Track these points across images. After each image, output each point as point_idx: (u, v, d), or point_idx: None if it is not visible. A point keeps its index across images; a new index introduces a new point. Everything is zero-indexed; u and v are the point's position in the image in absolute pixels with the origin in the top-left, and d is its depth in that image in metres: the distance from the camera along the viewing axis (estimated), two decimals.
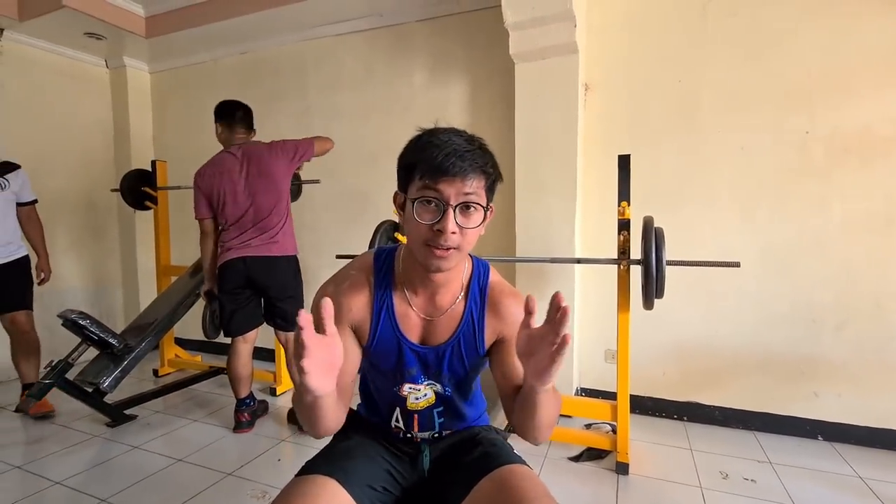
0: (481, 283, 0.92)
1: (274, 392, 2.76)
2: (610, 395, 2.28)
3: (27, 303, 2.51)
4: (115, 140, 3.74)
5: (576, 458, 1.98)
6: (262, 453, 2.06)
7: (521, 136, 2.38)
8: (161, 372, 3.17)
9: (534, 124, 2.35)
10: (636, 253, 1.82)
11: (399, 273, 0.90)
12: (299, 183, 2.74)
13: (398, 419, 0.96)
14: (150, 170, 3.11)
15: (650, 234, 1.70)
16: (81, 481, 1.85)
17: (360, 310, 0.88)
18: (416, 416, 0.95)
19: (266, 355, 3.14)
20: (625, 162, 1.88)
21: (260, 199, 2.19)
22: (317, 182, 2.73)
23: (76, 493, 1.76)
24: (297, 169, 2.32)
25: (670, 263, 1.74)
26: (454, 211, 0.77)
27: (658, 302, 1.78)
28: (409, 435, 0.96)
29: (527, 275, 2.43)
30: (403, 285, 0.90)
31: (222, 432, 2.28)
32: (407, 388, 0.92)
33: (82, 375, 2.29)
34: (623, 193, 1.87)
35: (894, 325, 2.03)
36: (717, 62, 2.25)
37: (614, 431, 1.98)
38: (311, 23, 3.05)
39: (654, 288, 1.71)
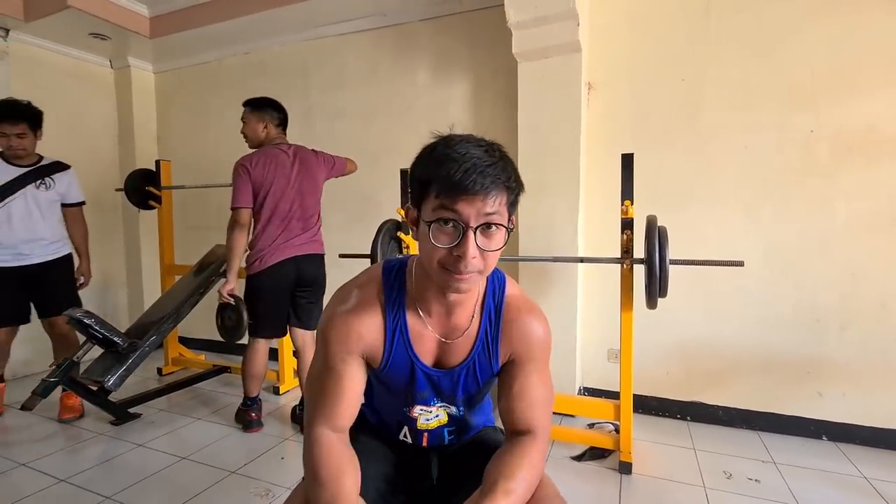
0: (497, 300, 0.86)
1: (277, 391, 2.76)
2: (613, 395, 2.28)
3: (70, 304, 2.38)
4: (120, 140, 3.76)
5: (579, 458, 1.98)
6: (265, 451, 2.07)
7: (524, 136, 2.38)
8: (165, 370, 3.18)
9: (537, 123, 2.35)
10: (639, 252, 1.81)
11: (411, 290, 0.83)
12: None
13: (406, 435, 0.94)
14: (155, 169, 3.12)
15: (653, 233, 1.69)
16: (86, 479, 1.86)
17: (372, 333, 0.82)
18: (426, 434, 0.93)
19: (269, 354, 3.14)
20: (628, 161, 1.87)
21: (307, 198, 2.26)
22: None
23: (81, 491, 1.77)
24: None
25: (674, 263, 1.73)
26: (474, 233, 0.69)
27: (661, 301, 1.77)
28: (417, 445, 0.96)
29: (530, 274, 2.42)
30: (417, 304, 0.83)
31: (226, 430, 2.29)
32: (418, 410, 0.90)
33: (87, 374, 2.30)
34: (626, 192, 1.86)
35: None
36: (720, 60, 2.24)
37: (617, 431, 1.98)
38: (314, 22, 3.05)
39: (657, 287, 1.70)
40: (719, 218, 2.27)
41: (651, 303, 1.77)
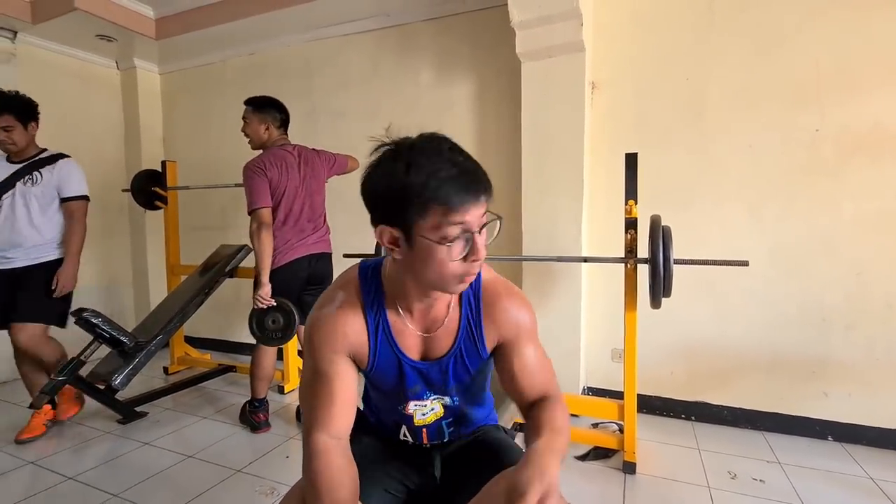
0: (474, 287, 0.86)
1: (282, 390, 2.78)
2: (617, 395, 2.27)
3: (33, 315, 2.17)
4: (126, 140, 3.79)
5: (582, 457, 1.98)
6: (270, 450, 2.08)
7: (528, 135, 2.38)
8: (171, 370, 3.20)
9: (540, 123, 2.35)
10: (643, 252, 1.81)
11: (390, 290, 0.85)
12: None
13: (405, 434, 0.95)
14: (160, 170, 3.14)
15: (657, 233, 1.69)
16: (94, 477, 1.88)
17: (356, 332, 0.83)
18: (425, 429, 0.93)
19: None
20: (632, 160, 1.87)
21: (315, 198, 2.31)
22: None
23: (88, 489, 1.79)
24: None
25: (678, 262, 1.73)
26: (478, 234, 0.70)
27: (666, 301, 1.77)
28: (417, 441, 0.96)
29: (533, 274, 2.42)
30: (396, 303, 0.85)
31: (231, 429, 2.30)
32: (412, 406, 0.90)
33: (94, 373, 2.32)
34: (630, 192, 1.86)
35: None
36: (724, 59, 2.23)
37: (621, 431, 1.98)
38: (317, 23, 3.06)
39: (661, 287, 1.70)
40: (724, 217, 2.26)
41: (655, 303, 1.77)
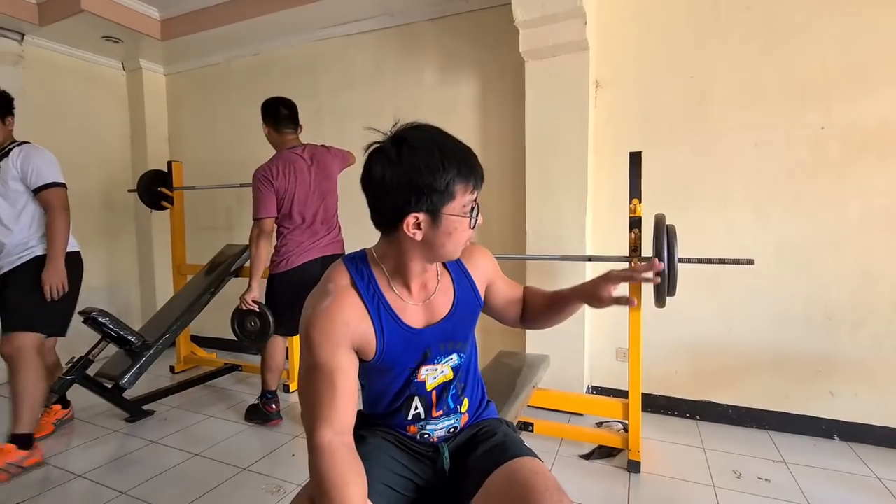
0: None
1: (287, 389, 2.79)
2: (622, 394, 2.27)
3: (19, 322, 1.92)
4: (132, 141, 3.82)
5: (587, 456, 1.98)
6: (276, 448, 2.10)
7: (532, 134, 2.38)
8: (177, 368, 3.23)
9: (544, 122, 2.35)
10: (648, 251, 1.81)
11: (380, 274, 0.90)
12: None
13: (417, 406, 0.95)
14: (166, 170, 3.16)
15: (662, 232, 1.69)
16: (102, 474, 1.90)
17: (358, 321, 0.84)
18: (435, 392, 0.95)
19: None
20: (636, 159, 1.87)
21: (328, 199, 2.30)
22: None
23: (97, 486, 1.81)
24: None
25: (682, 261, 1.72)
26: None
27: (670, 300, 1.77)
28: (426, 435, 0.96)
29: (537, 272, 2.43)
30: (390, 283, 0.90)
31: (238, 427, 2.32)
32: (424, 372, 0.93)
33: (102, 372, 2.34)
34: (634, 191, 1.86)
35: None
36: (729, 57, 2.22)
37: (626, 430, 1.98)
38: (321, 23, 3.07)
39: (666, 286, 1.70)
40: (729, 216, 2.25)
41: (660, 302, 1.76)
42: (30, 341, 1.92)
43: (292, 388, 2.81)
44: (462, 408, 0.99)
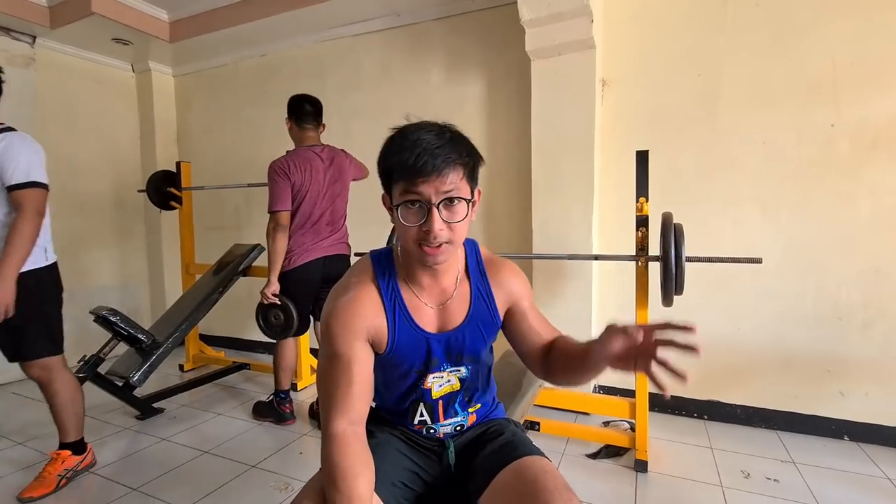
0: (478, 261, 0.98)
1: (295, 387, 2.81)
2: (629, 393, 2.27)
3: (30, 350, 1.70)
4: (142, 142, 3.86)
5: (594, 455, 1.98)
6: (284, 446, 2.11)
7: (538, 133, 2.38)
8: (187, 367, 3.26)
9: (551, 121, 2.35)
10: (655, 249, 1.80)
11: (401, 271, 0.92)
12: None
13: (423, 413, 0.96)
14: (175, 171, 3.19)
15: (669, 231, 1.68)
16: (114, 471, 1.92)
17: (374, 313, 0.87)
18: (441, 401, 0.96)
19: None
20: (643, 157, 1.86)
21: (337, 202, 2.32)
22: None
23: (109, 482, 1.84)
24: None
25: (690, 260, 1.72)
26: (437, 209, 0.78)
27: (678, 299, 1.76)
28: (432, 431, 0.97)
29: (544, 272, 2.42)
30: (407, 281, 0.91)
31: (246, 425, 2.34)
32: (431, 379, 0.93)
33: (113, 370, 2.37)
34: (641, 189, 1.85)
35: None
36: (737, 55, 2.21)
37: (633, 429, 1.97)
38: (329, 24, 3.09)
39: (673, 285, 1.69)
40: (737, 214, 2.24)
41: (667, 300, 1.76)
42: (54, 362, 1.78)
43: (300, 386, 2.83)
44: (471, 409, 1.00)
